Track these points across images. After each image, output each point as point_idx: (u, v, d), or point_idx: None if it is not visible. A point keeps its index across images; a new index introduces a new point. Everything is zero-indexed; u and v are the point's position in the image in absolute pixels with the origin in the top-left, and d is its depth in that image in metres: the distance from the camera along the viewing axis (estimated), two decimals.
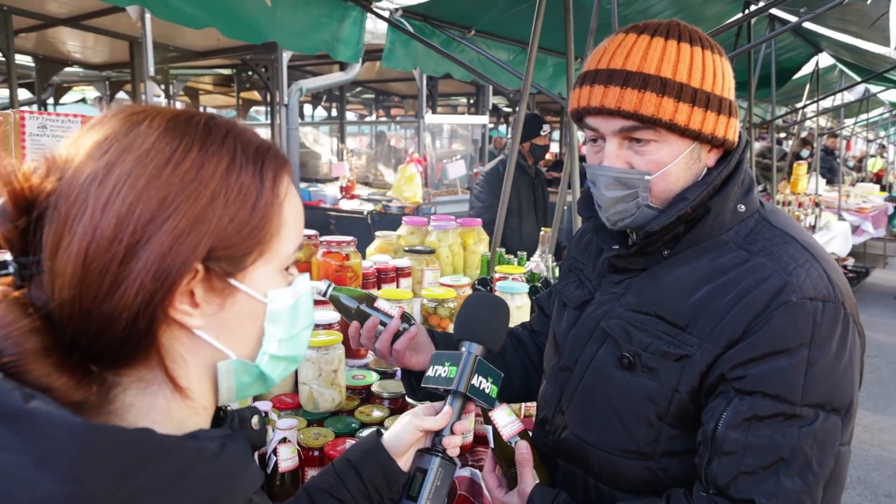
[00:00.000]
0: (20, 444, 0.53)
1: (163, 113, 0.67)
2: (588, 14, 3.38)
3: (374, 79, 11.84)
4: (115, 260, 0.60)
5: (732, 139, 1.19)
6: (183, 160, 0.64)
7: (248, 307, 0.69)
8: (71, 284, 0.60)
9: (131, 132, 0.64)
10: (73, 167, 0.62)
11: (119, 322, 0.61)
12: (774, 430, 1.05)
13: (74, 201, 0.61)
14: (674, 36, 1.15)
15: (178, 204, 0.62)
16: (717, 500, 1.08)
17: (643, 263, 1.24)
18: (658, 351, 1.15)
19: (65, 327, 0.61)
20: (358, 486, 1.09)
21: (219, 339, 0.68)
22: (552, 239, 4.03)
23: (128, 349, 0.63)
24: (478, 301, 1.29)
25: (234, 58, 8.86)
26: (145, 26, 5.32)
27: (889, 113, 12.68)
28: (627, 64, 1.14)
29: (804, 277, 1.09)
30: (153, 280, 0.62)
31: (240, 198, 0.66)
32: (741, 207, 1.20)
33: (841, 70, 8.29)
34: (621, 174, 1.17)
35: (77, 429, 0.54)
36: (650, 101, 1.11)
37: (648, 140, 1.15)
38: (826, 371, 1.06)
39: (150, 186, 0.62)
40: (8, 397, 0.54)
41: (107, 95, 11.46)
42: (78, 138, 0.66)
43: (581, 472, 1.27)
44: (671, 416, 1.15)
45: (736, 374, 1.08)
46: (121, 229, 0.60)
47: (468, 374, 1.18)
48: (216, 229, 0.64)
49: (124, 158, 0.62)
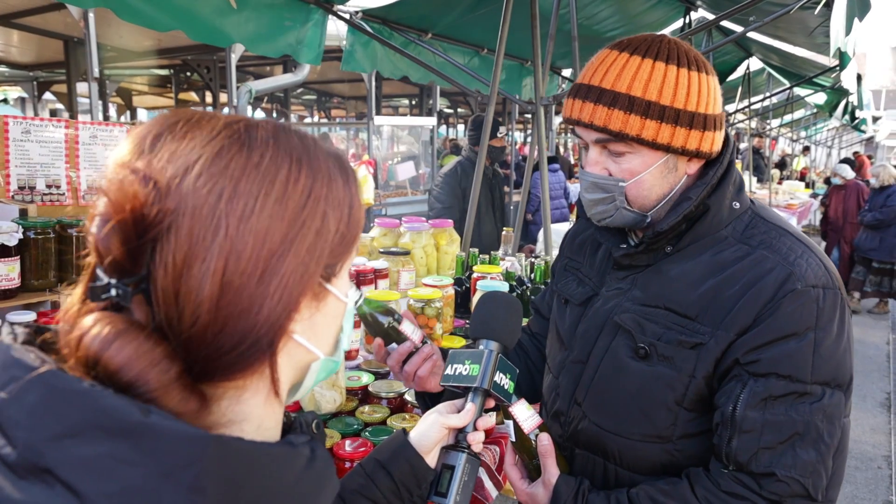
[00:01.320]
0: (143, 458, 0.52)
1: (259, 125, 0.67)
2: (545, 20, 3.50)
3: (317, 80, 11.73)
4: (252, 278, 0.60)
5: (709, 150, 1.27)
6: (299, 176, 0.64)
7: (333, 308, 0.72)
8: (209, 305, 0.58)
9: (244, 145, 0.63)
10: (190, 183, 0.59)
11: (248, 339, 0.61)
12: (789, 408, 1.15)
13: (203, 218, 0.59)
14: (651, 55, 1.23)
15: (304, 220, 0.63)
16: (738, 475, 1.16)
17: (647, 260, 1.33)
18: (673, 340, 1.23)
19: (196, 349, 0.59)
20: (389, 486, 1.11)
21: (310, 340, 0.70)
22: (515, 238, 4.13)
23: (246, 364, 0.62)
24: (494, 300, 1.33)
25: (174, 58, 8.64)
26: (88, 26, 5.13)
27: (811, 114, 13.40)
28: (603, 82, 1.23)
29: (805, 267, 1.20)
30: (288, 296, 0.62)
31: (339, 209, 0.67)
32: (736, 204, 1.30)
33: (769, 73, 8.72)
34: (599, 180, 1.28)
35: (201, 440, 0.54)
36: (618, 118, 1.21)
37: (622, 151, 1.24)
38: (830, 351, 1.17)
39: (279, 203, 0.61)
40: (126, 412, 0.53)
41: (34, 96, 10.97)
42: (160, 148, 0.62)
43: (601, 458, 1.34)
44: (688, 401, 1.23)
45: (750, 358, 1.17)
46: (258, 247, 0.60)
47: (491, 371, 1.22)
48: (330, 242, 0.66)
49: (248, 174, 0.61)
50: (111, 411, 0.53)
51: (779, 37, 5.88)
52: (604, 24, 5.03)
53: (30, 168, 2.00)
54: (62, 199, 2.14)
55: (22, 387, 0.54)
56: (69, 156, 2.12)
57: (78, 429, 0.52)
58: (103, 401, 0.53)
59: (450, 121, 18.89)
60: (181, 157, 0.61)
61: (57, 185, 2.11)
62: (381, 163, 8.84)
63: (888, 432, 5.28)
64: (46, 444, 0.52)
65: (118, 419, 0.53)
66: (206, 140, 0.62)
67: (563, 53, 5.33)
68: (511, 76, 5.62)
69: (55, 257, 2.01)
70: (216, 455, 0.54)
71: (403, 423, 1.85)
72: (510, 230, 4.13)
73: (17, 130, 1.79)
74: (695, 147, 1.24)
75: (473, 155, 4.99)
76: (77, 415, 0.52)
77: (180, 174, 0.60)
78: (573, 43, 3.63)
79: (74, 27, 6.37)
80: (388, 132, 9.64)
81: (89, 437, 0.52)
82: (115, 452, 0.52)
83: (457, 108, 17.51)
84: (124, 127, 2.43)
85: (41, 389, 0.54)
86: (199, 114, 0.66)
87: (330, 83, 12.27)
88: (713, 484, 1.18)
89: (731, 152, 1.32)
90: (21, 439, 0.53)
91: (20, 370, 0.55)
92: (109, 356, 0.56)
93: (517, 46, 4.74)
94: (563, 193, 7.39)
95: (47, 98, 12.28)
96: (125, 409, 0.53)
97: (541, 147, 3.16)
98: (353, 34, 4.20)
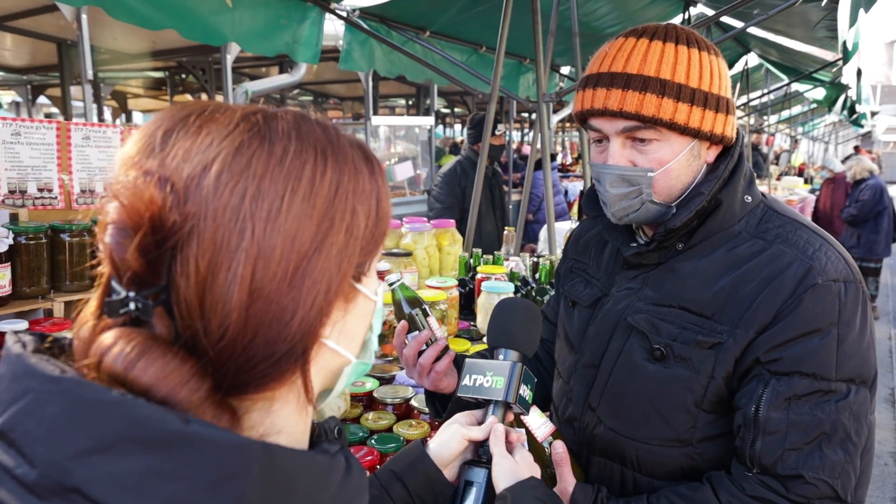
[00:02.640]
0: (185, 470, 0.48)
1: (278, 115, 0.61)
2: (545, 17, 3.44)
3: (313, 80, 11.67)
4: (283, 283, 0.55)
5: (731, 135, 1.24)
6: (326, 170, 0.59)
7: (363, 308, 0.67)
8: (237, 315, 0.54)
9: (265, 139, 0.57)
10: (210, 183, 0.55)
11: (280, 349, 0.56)
12: (814, 407, 1.10)
13: (226, 222, 0.54)
14: (671, 39, 1.20)
15: (333, 218, 0.58)
16: (763, 478, 1.12)
17: (658, 258, 1.28)
18: (690, 340, 1.19)
19: (225, 363, 0.55)
20: (403, 497, 1.07)
21: (340, 344, 0.65)
22: (517, 238, 4.08)
23: (277, 375, 0.58)
24: (513, 307, 1.27)
25: (168, 60, 8.57)
26: (82, 27, 5.06)
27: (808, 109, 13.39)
28: (628, 67, 1.18)
29: (825, 261, 1.15)
30: (322, 300, 0.57)
31: (367, 203, 0.62)
32: (748, 198, 1.25)
33: (767, 69, 8.69)
34: (625, 172, 1.21)
35: (248, 448, 0.50)
36: (651, 102, 1.16)
37: (650, 139, 1.19)
38: (854, 347, 1.12)
39: (307, 200, 0.57)
40: (165, 421, 0.49)
41: (28, 100, 10.90)
42: (173, 145, 0.57)
43: (618, 465, 1.30)
44: (707, 402, 1.19)
45: (771, 356, 1.12)
46: (287, 249, 0.55)
47: (516, 384, 1.16)
48: (361, 239, 0.61)
49: (272, 171, 0.56)
50: (147, 422, 0.48)
51: (778, 31, 5.84)
52: (603, 21, 5.00)
53: (20, 171, 1.94)
54: (54, 203, 2.08)
55: (40, 398, 0.50)
56: (61, 158, 2.06)
57: (109, 442, 0.48)
58: (138, 410, 0.49)
59: (447, 121, 18.85)
60: (197, 154, 0.56)
61: (49, 189, 2.05)
62: None
63: (893, 428, 5.24)
64: (73, 461, 0.47)
65: (155, 430, 0.48)
66: (223, 135, 0.57)
67: (561, 51, 5.29)
68: (509, 74, 5.58)
69: (48, 263, 1.94)
70: (263, 463, 0.50)
71: (410, 430, 1.79)
72: (512, 230, 4.08)
73: (6, 132, 1.73)
74: (720, 131, 1.21)
75: (472, 154, 4.95)
76: (108, 427, 0.48)
77: (198, 174, 0.55)
78: (574, 39, 3.59)
79: (67, 29, 6.31)
80: (386, 132, 9.58)
81: (123, 450, 0.48)
82: (155, 466, 0.48)
83: (454, 108, 17.47)
84: (118, 128, 2.37)
85: (64, 401, 0.49)
86: (213, 105, 0.61)
87: (326, 84, 12.21)
88: (737, 488, 1.14)
89: (741, 145, 1.28)
90: (42, 456, 0.48)
91: (37, 381, 0.50)
92: (135, 376, 0.51)
93: (516, 44, 4.70)
94: (559, 190, 7.36)
95: (42, 102, 12.21)
96: (163, 419, 0.49)
97: (544, 144, 3.11)
98: (350, 32, 4.15)
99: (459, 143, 14.53)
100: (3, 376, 0.53)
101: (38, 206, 2.02)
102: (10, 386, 0.52)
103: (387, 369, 2.20)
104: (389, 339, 2.28)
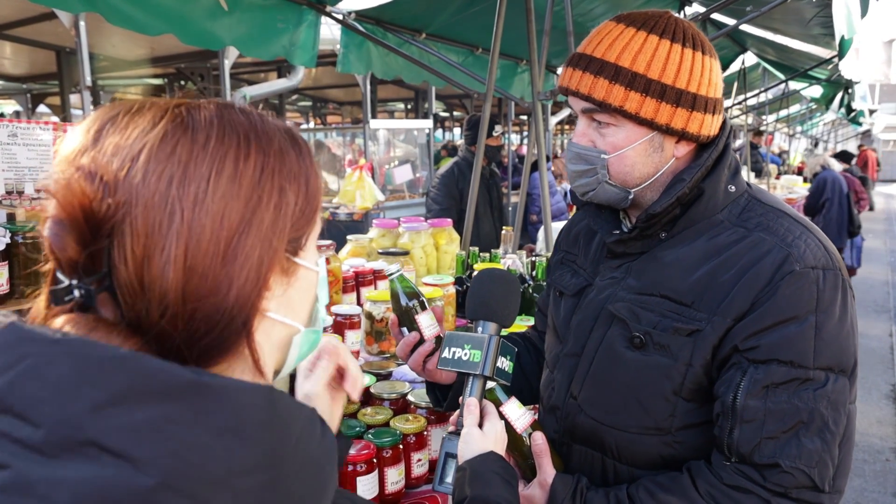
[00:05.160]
0: (199, 416, 0.51)
1: (201, 106, 0.65)
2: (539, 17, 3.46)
3: (312, 86, 11.71)
4: (216, 259, 0.59)
5: (696, 132, 1.22)
6: (249, 152, 0.63)
7: (305, 279, 0.71)
8: (175, 293, 0.58)
9: (188, 128, 0.62)
10: (137, 173, 0.58)
11: (221, 322, 0.60)
12: (791, 395, 1.10)
13: (156, 207, 0.58)
14: (647, 28, 1.20)
15: (261, 196, 0.62)
16: (740, 467, 1.12)
17: (641, 247, 1.29)
18: (669, 328, 1.19)
19: (170, 338, 0.58)
20: None
21: (286, 315, 0.69)
22: (514, 238, 4.09)
23: (222, 348, 0.62)
24: (491, 278, 1.29)
25: (167, 67, 8.61)
26: (80, 34, 5.10)
27: (806, 108, 13.41)
28: (595, 51, 1.21)
29: (804, 248, 1.15)
30: (255, 274, 0.61)
31: (296, 182, 0.67)
32: (731, 188, 1.26)
33: (764, 68, 8.71)
34: (582, 150, 1.26)
35: (260, 391, 0.54)
36: (601, 87, 1.19)
37: (607, 123, 1.22)
38: (833, 334, 1.12)
39: (232, 182, 0.61)
40: (177, 373, 0.52)
41: (28, 108, 10.94)
42: (103, 142, 0.60)
43: (598, 453, 1.30)
44: (686, 390, 1.19)
45: (748, 344, 1.13)
46: (217, 228, 0.59)
47: (493, 357, 1.19)
48: (291, 216, 0.65)
49: (196, 156, 0.60)
50: (159, 373, 0.52)
51: (774, 29, 5.86)
52: (599, 21, 4.99)
53: (17, 172, 1.97)
54: None
55: (41, 361, 0.52)
56: None
57: (123, 395, 0.51)
58: (149, 363, 0.52)
59: (446, 124, 18.89)
60: (125, 147, 0.60)
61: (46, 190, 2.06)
62: (378, 167, 8.81)
63: (894, 424, 5.24)
64: (85, 416, 0.50)
65: (168, 380, 0.52)
66: (148, 128, 0.61)
67: (558, 52, 5.31)
68: (506, 75, 5.60)
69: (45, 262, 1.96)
70: (270, 406, 0.54)
71: (406, 424, 1.80)
72: (510, 229, 4.09)
73: (3, 134, 1.75)
74: (680, 126, 1.20)
75: (470, 155, 4.96)
76: (121, 380, 0.51)
77: (127, 165, 0.59)
78: (568, 38, 3.61)
79: (66, 36, 6.34)
80: (385, 136, 9.61)
81: (138, 401, 0.51)
82: (170, 414, 0.51)
83: (452, 111, 17.51)
84: None
85: (71, 360, 0.52)
86: (140, 102, 0.66)
87: (324, 89, 12.26)
88: (715, 477, 1.14)
89: (728, 136, 1.28)
90: (50, 415, 0.51)
91: (36, 345, 0.53)
92: None
93: (512, 45, 4.72)
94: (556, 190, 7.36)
95: (42, 111, 12.25)
96: (174, 370, 0.53)
97: (539, 143, 3.12)
98: (346, 35, 4.18)
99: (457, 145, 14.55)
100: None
101: (35, 206, 2.04)
102: (2, 356, 0.54)
103: (384, 366, 2.21)
104: (386, 335, 2.29)
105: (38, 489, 0.49)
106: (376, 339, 2.36)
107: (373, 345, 2.35)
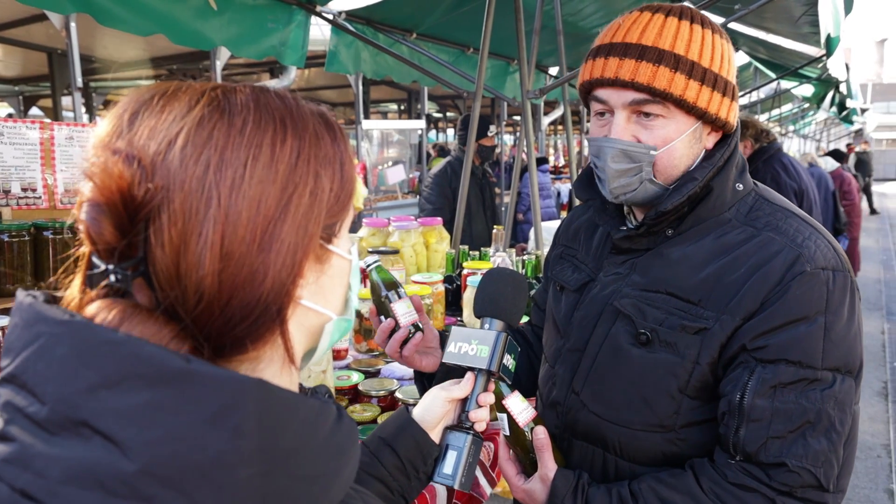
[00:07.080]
0: (186, 404, 0.51)
1: (237, 89, 0.65)
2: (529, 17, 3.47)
3: (304, 87, 11.70)
4: (252, 246, 0.58)
5: (732, 122, 1.24)
6: (286, 137, 0.62)
7: (338, 267, 0.70)
8: (212, 279, 0.57)
9: (225, 112, 0.61)
10: (175, 157, 0.58)
11: (256, 310, 0.59)
12: (799, 395, 1.10)
13: (193, 192, 0.57)
14: (686, 17, 1.20)
15: (297, 182, 0.62)
16: (746, 466, 1.12)
17: (647, 243, 1.28)
18: (676, 326, 1.18)
19: (205, 326, 0.58)
20: (394, 463, 1.09)
21: (318, 303, 0.68)
22: (506, 237, 4.10)
23: (256, 335, 0.61)
24: (501, 277, 1.28)
25: (159, 68, 8.60)
26: (70, 35, 5.08)
27: (798, 108, 13.45)
28: (643, 39, 1.17)
29: (814, 249, 1.15)
30: (290, 262, 0.61)
31: (331, 167, 0.66)
32: (739, 186, 1.25)
33: (756, 67, 8.73)
34: (628, 147, 1.19)
35: (246, 383, 0.53)
36: (664, 76, 1.15)
37: (657, 115, 1.18)
38: (841, 336, 1.12)
39: (268, 167, 0.60)
40: (168, 359, 0.52)
41: (20, 111, 10.91)
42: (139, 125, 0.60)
43: (600, 449, 1.30)
44: (691, 388, 1.19)
45: (757, 344, 1.12)
46: (253, 213, 0.58)
47: (500, 354, 1.18)
48: (326, 202, 0.64)
49: (233, 141, 0.59)
50: (151, 359, 0.52)
51: (765, 27, 5.88)
52: (590, 20, 5.02)
53: (4, 171, 1.96)
54: (38, 203, 2.10)
55: (50, 341, 0.53)
56: (45, 158, 2.08)
57: (115, 378, 0.51)
58: (143, 349, 0.52)
59: (439, 125, 18.90)
60: (161, 131, 0.59)
61: (33, 189, 2.07)
62: (371, 168, 8.81)
63: (886, 421, 5.26)
64: (82, 396, 0.51)
65: (159, 367, 0.52)
66: (184, 111, 0.60)
67: (549, 52, 5.32)
68: (497, 75, 5.60)
69: (31, 262, 1.96)
70: (259, 398, 0.53)
71: None
72: (500, 228, 4.11)
73: None
74: (724, 115, 1.21)
75: (463, 155, 4.96)
76: (114, 364, 0.51)
77: (164, 149, 0.58)
78: (558, 38, 3.62)
79: (57, 38, 6.33)
80: (378, 137, 9.61)
81: (128, 386, 0.51)
82: (158, 400, 0.51)
83: (445, 112, 17.52)
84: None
85: (72, 341, 0.52)
86: (175, 85, 0.64)
87: (317, 90, 12.25)
88: (720, 475, 1.13)
89: (737, 135, 1.27)
90: (53, 394, 0.51)
91: (47, 325, 0.54)
92: None
93: (503, 45, 4.73)
94: (551, 193, 7.38)
95: (35, 114, 12.22)
96: (166, 357, 0.52)
97: (528, 142, 3.13)
98: (336, 35, 4.18)
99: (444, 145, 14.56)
100: (17, 326, 0.56)
101: (23, 205, 2.04)
102: (23, 333, 0.55)
103: (372, 363, 2.22)
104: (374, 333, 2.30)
105: (35, 464, 0.50)
106: (365, 337, 2.37)
107: (361, 342, 2.36)
